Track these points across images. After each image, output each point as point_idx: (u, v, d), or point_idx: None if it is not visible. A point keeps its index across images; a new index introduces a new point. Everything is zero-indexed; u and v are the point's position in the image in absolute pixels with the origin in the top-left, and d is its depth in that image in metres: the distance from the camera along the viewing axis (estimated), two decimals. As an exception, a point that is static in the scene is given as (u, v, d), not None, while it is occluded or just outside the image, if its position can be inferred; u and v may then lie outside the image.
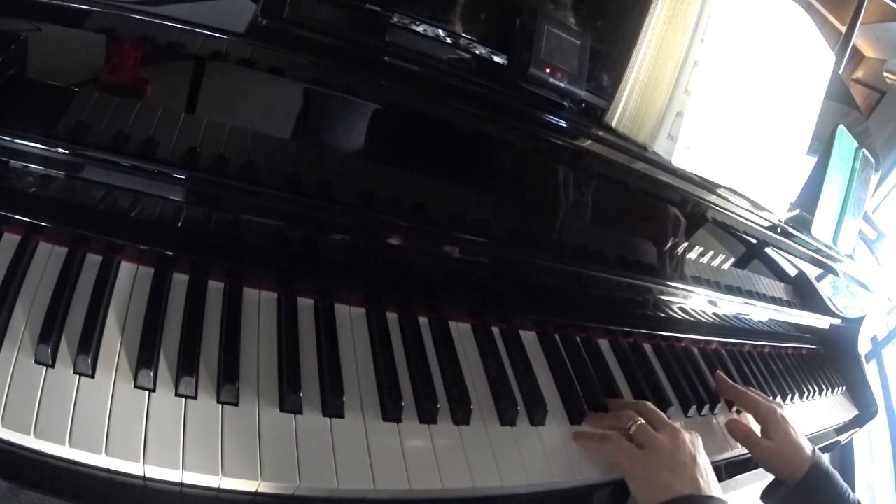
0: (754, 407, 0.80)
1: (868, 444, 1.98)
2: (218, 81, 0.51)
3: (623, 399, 0.72)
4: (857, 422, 1.24)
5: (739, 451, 0.80)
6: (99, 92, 0.48)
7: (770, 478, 0.78)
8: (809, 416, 1.06)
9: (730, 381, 0.85)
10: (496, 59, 0.61)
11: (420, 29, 0.57)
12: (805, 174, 0.93)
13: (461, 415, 0.58)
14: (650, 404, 0.67)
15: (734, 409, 0.85)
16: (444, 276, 0.68)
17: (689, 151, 0.67)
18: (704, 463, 0.61)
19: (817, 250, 0.97)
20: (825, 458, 0.76)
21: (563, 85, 0.60)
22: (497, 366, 0.65)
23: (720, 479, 0.73)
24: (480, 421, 0.59)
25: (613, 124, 0.65)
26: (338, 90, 0.54)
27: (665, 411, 0.74)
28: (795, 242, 0.92)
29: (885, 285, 1.28)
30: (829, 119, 0.93)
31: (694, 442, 0.63)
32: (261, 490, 0.46)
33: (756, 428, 0.79)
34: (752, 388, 0.86)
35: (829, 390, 1.18)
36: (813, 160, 0.94)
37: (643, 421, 0.63)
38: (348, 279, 0.62)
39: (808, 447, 0.75)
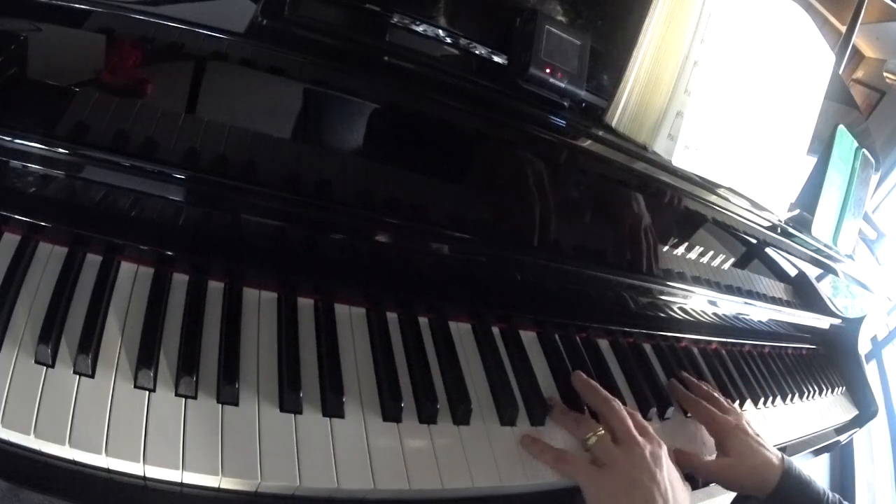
0: (708, 420, 0.74)
1: (868, 444, 1.98)
2: (218, 81, 0.51)
3: (596, 390, 0.66)
4: (857, 422, 1.24)
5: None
6: (99, 92, 0.48)
7: None
8: (809, 416, 1.06)
9: (683, 389, 0.79)
10: (496, 59, 0.61)
11: (420, 29, 0.57)
12: (805, 174, 0.93)
13: (461, 415, 0.58)
14: (618, 408, 0.62)
15: (688, 415, 0.78)
16: (444, 276, 0.68)
17: (689, 151, 0.67)
18: (667, 480, 0.56)
19: (817, 250, 0.97)
20: (795, 464, 0.70)
21: (563, 85, 0.60)
22: (497, 366, 0.65)
23: (698, 487, 0.70)
24: (480, 421, 0.59)
25: (613, 124, 0.65)
26: (338, 90, 0.54)
27: (664, 411, 0.75)
28: (795, 242, 0.92)
29: (885, 285, 1.28)
30: (829, 119, 0.93)
31: (656, 455, 0.58)
32: (261, 490, 0.46)
33: (711, 441, 0.74)
34: (710, 389, 0.80)
35: (829, 390, 1.18)
36: (813, 160, 0.94)
37: (603, 432, 0.60)
38: (348, 279, 0.62)
39: (774, 456, 0.70)
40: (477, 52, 0.60)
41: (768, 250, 0.94)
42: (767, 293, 1.01)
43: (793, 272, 1.03)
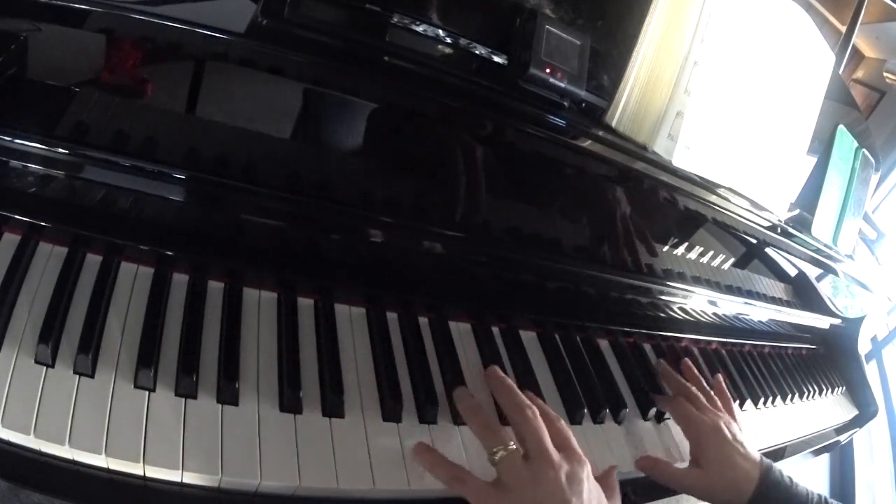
0: (682, 420, 0.68)
1: (868, 444, 1.98)
2: (218, 81, 0.51)
3: (510, 391, 0.56)
4: (857, 422, 1.24)
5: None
6: (99, 92, 0.48)
7: None
8: (809, 416, 1.06)
9: (672, 374, 0.75)
10: (496, 59, 0.61)
11: (420, 29, 0.57)
12: (805, 174, 0.93)
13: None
14: (532, 416, 0.52)
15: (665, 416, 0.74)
16: (444, 276, 0.68)
17: (689, 151, 0.67)
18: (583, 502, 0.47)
19: (817, 250, 0.97)
20: (776, 469, 0.65)
21: (563, 85, 0.60)
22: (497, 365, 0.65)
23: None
24: (480, 421, 0.59)
25: (613, 124, 0.65)
26: (338, 90, 0.54)
27: (664, 412, 0.74)
28: (795, 242, 0.92)
29: (885, 285, 1.28)
30: (829, 119, 0.93)
31: (574, 477, 0.49)
32: (261, 490, 0.46)
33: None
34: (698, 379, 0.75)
35: (829, 390, 1.18)
36: (813, 160, 0.94)
37: (515, 447, 0.50)
38: (348, 279, 0.62)
39: (753, 466, 0.64)
40: (477, 52, 0.60)
41: (768, 250, 0.94)
42: (767, 293, 1.01)
43: (793, 272, 1.03)
